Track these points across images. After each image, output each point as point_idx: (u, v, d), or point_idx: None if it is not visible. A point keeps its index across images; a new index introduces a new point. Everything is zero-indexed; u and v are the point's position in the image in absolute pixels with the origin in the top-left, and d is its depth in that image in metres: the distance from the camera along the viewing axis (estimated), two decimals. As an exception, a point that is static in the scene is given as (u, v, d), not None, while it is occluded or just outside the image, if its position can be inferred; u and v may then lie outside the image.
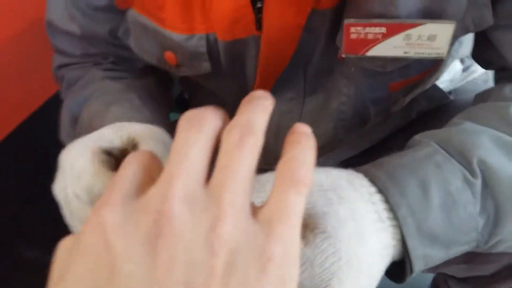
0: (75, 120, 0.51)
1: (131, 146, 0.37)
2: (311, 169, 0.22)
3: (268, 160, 0.58)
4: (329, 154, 0.54)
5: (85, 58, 0.56)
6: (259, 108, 0.23)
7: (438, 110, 0.56)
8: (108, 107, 0.46)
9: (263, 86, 0.50)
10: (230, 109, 0.65)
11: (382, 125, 0.53)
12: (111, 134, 0.37)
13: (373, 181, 0.30)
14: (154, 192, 0.19)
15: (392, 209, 0.29)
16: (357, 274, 0.26)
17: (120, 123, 0.39)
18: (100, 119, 0.45)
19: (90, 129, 0.46)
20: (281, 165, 0.22)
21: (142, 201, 0.19)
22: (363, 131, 0.52)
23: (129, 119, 0.43)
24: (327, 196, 0.28)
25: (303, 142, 0.23)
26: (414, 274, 0.31)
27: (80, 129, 0.48)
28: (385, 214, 0.29)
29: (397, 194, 0.29)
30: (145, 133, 0.37)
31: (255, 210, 0.21)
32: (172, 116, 0.70)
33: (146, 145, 0.35)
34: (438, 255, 0.31)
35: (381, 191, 0.29)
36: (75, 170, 0.34)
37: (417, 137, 0.35)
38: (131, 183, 0.21)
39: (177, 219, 0.18)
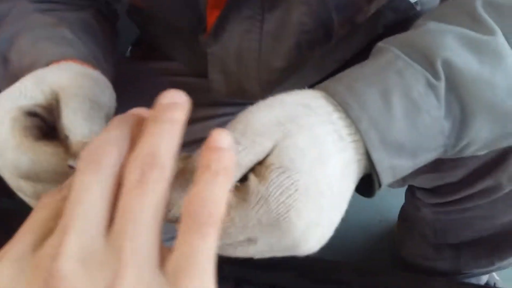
0: (5, 59, 0.45)
1: (55, 102, 0.33)
2: (220, 202, 0.20)
3: (232, 89, 0.55)
4: (295, 78, 0.51)
5: None
6: (165, 128, 0.20)
7: (405, 23, 0.53)
8: (37, 43, 0.41)
9: (216, 5, 0.45)
10: (186, 39, 0.60)
11: (348, 41, 0.50)
12: (33, 89, 0.32)
13: (332, 96, 0.28)
14: (48, 247, 0.18)
15: (353, 124, 0.28)
16: (317, 200, 0.26)
17: (41, 72, 0.34)
18: (30, 58, 0.40)
19: (20, 70, 0.41)
20: (186, 203, 0.19)
21: (37, 257, 0.18)
22: (328, 49, 0.49)
23: (61, 56, 0.39)
24: (286, 129, 0.26)
25: (213, 167, 0.20)
26: (383, 187, 0.30)
27: (11, 70, 0.43)
28: (345, 131, 0.28)
29: (357, 107, 0.28)
30: (69, 88, 0.33)
31: (164, 255, 0.19)
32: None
33: (68, 105, 0.32)
34: (405, 165, 0.30)
35: (341, 106, 0.28)
36: None
37: (379, 43, 0.33)
38: (34, 233, 0.19)
39: (68, 280, 0.16)
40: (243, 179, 0.26)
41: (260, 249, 0.26)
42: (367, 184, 0.30)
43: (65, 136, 0.31)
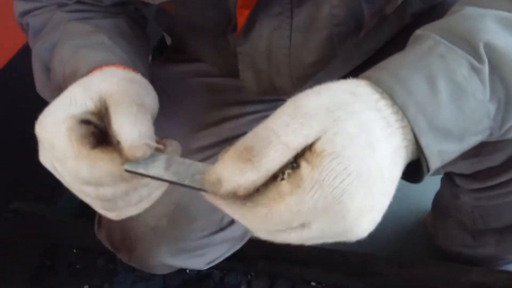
0: (47, 68, 0.47)
1: (104, 109, 0.34)
2: None
3: (264, 87, 0.56)
4: (325, 71, 0.52)
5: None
6: None
7: (433, 11, 0.53)
8: (78, 51, 0.43)
9: (245, 4, 0.46)
10: (214, 40, 0.61)
11: (377, 32, 0.50)
12: (81, 97, 0.34)
13: (377, 85, 0.29)
14: None
15: (399, 110, 0.28)
16: (369, 183, 0.26)
17: (88, 79, 0.36)
18: (71, 66, 0.42)
19: (63, 78, 0.43)
20: None
21: None
22: (358, 40, 0.49)
23: (102, 62, 0.40)
24: (335, 115, 0.27)
25: None
26: (431, 172, 0.30)
27: (54, 79, 0.45)
28: (392, 118, 0.28)
29: (404, 93, 0.28)
30: (116, 93, 0.34)
31: None
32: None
33: (116, 111, 0.33)
34: (453, 149, 0.30)
35: (387, 94, 0.28)
36: (57, 151, 0.32)
37: (417, 31, 0.33)
38: None
39: None
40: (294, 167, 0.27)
41: (314, 234, 0.27)
42: (412, 171, 0.30)
43: (117, 141, 0.32)
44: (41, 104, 0.36)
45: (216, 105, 0.61)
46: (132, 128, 0.32)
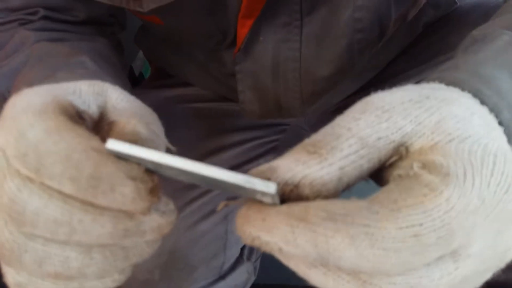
0: (3, 99, 0.38)
1: (102, 117, 0.25)
2: None
3: (267, 108, 0.49)
4: (335, 89, 0.46)
5: (6, 15, 0.43)
6: None
7: (443, 20, 0.50)
8: (54, 74, 0.32)
9: (249, 14, 0.40)
10: (205, 60, 0.53)
11: (390, 42, 0.46)
12: (88, 96, 0.24)
13: (457, 86, 0.23)
14: None
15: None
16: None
17: (101, 83, 0.26)
18: None
19: None
20: None
21: None
22: (376, 50, 0.44)
23: None
24: (425, 104, 0.20)
25: None
26: None
27: None
28: (490, 118, 0.22)
29: (494, 94, 0.22)
30: (127, 113, 0.24)
31: None
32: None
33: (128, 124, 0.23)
34: None
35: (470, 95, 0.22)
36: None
37: (475, 32, 0.28)
38: None
39: None
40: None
41: (469, 268, 0.19)
42: None
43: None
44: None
45: (210, 134, 0.53)
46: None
